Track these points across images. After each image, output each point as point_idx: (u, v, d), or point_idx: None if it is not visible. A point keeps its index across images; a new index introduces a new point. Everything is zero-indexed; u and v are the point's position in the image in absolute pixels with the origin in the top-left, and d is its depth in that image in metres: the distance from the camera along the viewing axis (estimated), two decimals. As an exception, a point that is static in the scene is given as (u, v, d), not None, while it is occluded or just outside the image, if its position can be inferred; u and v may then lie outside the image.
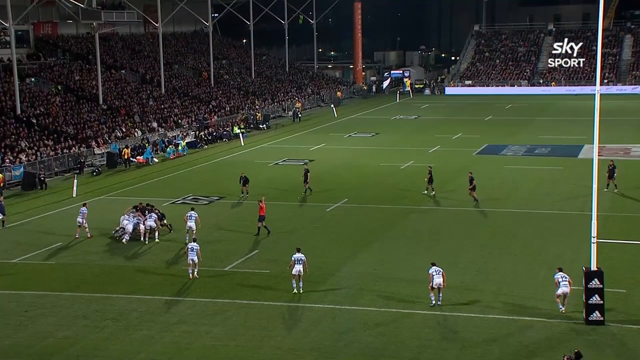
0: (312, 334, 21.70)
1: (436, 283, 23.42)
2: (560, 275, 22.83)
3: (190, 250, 26.34)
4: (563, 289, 22.61)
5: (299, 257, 24.94)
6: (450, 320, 22.56)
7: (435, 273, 23.55)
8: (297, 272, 24.85)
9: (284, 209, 37.40)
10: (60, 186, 44.35)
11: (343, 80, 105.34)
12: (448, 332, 21.71)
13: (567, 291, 22.62)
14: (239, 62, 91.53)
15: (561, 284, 22.63)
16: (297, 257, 24.95)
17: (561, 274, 22.85)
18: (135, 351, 20.68)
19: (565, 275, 22.79)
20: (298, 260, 24.90)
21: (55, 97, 58.22)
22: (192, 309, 23.78)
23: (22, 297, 25.06)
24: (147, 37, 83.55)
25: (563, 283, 22.64)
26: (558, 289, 22.67)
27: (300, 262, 24.89)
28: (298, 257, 24.96)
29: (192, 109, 68.17)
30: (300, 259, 24.92)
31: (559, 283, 22.66)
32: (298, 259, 24.91)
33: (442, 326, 22.19)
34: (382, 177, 44.96)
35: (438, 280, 23.42)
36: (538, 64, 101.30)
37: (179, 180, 46.07)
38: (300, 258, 24.93)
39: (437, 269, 23.68)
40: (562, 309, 22.75)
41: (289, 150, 55.64)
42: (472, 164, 49.13)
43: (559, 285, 22.65)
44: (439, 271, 23.60)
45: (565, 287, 22.59)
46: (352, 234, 32.41)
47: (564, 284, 22.61)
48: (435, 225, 33.71)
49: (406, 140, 59.84)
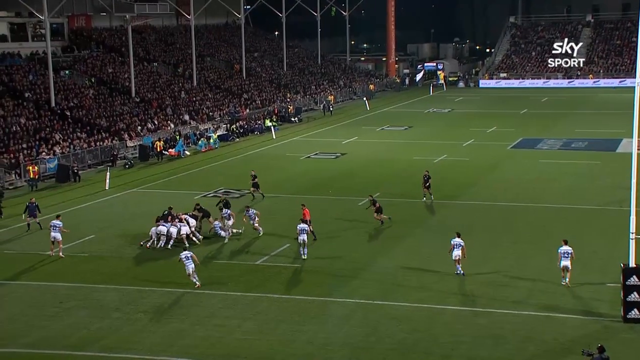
0: (343, 329, 21.75)
1: (455, 255, 25.34)
2: (564, 249, 24.28)
3: (186, 259, 25.30)
4: (563, 262, 24.13)
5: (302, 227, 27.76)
6: (484, 316, 22.43)
7: (456, 245, 25.46)
8: (301, 240, 27.64)
9: (315, 202, 37.38)
10: (93, 179, 44.94)
11: (376, 73, 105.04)
12: (481, 328, 21.60)
13: (568, 265, 24.08)
14: (271, 55, 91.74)
15: (562, 258, 24.16)
16: (301, 227, 27.72)
17: (564, 248, 24.28)
18: (168, 344, 20.92)
19: (569, 249, 24.18)
20: (301, 230, 27.66)
21: (88, 90, 58.94)
22: (223, 303, 23.97)
23: (56, 289, 25.48)
24: (179, 29, 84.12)
25: (564, 257, 24.11)
26: (560, 262, 24.19)
27: (304, 232, 27.64)
28: (302, 227, 27.76)
29: (223, 102, 68.55)
30: (304, 229, 27.73)
31: (561, 257, 24.17)
32: (302, 229, 27.67)
33: (475, 322, 22.07)
34: (415, 171, 44.72)
35: (457, 252, 25.35)
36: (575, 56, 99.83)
37: (211, 173, 46.40)
38: (304, 228, 27.76)
39: (459, 242, 25.42)
40: (565, 282, 24.21)
41: (320, 144, 55.71)
42: (506, 157, 48.87)
43: (561, 258, 24.17)
44: (460, 244, 25.43)
45: (566, 261, 24.08)
46: (384, 228, 32.36)
47: (565, 258, 24.08)
48: (468, 220, 33.51)
49: (439, 134, 59.56)
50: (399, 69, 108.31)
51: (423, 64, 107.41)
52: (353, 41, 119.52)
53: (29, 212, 32.71)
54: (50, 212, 36.21)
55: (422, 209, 35.71)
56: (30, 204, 32.84)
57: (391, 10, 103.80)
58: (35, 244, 30.92)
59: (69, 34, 68.62)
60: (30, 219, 32.74)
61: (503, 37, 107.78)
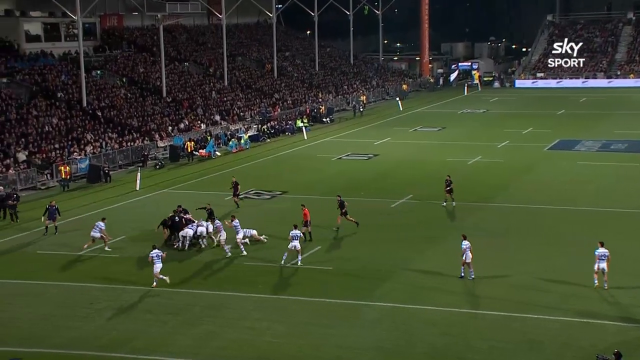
0: (373, 333, 21.78)
1: (468, 258, 25.45)
2: (600, 251, 24.23)
3: (157, 258, 25.84)
4: (600, 265, 24.08)
5: (295, 234, 27.58)
6: (518, 321, 22.30)
7: (467, 248, 25.53)
8: (292, 247, 27.41)
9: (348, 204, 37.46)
10: (123, 179, 45.47)
11: (409, 73, 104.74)
12: (516, 334, 21.48)
13: (605, 267, 24.04)
14: (303, 54, 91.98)
15: (599, 260, 24.12)
16: (294, 234, 27.56)
17: (601, 250, 24.23)
18: (198, 346, 21.13)
19: (606, 251, 24.13)
20: (294, 236, 27.51)
21: (120, 90, 59.67)
22: (253, 305, 24.14)
23: (87, 290, 25.86)
24: (210, 28, 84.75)
25: (601, 259, 24.08)
26: (596, 264, 24.17)
27: (296, 238, 27.48)
28: (295, 233, 27.60)
29: (254, 102, 68.91)
30: (296, 235, 27.55)
31: (598, 259, 24.16)
32: (294, 236, 27.50)
33: (509, 327, 21.96)
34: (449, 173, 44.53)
35: (470, 256, 25.48)
36: (616, 55, 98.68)
37: (241, 174, 46.54)
38: (296, 235, 27.57)
39: (468, 245, 25.55)
40: (597, 283, 24.22)
41: (352, 145, 55.74)
42: (543, 159, 48.46)
43: (597, 260, 24.16)
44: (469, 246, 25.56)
45: (603, 264, 24.03)
46: (417, 231, 32.32)
47: (602, 261, 24.05)
48: (503, 223, 33.36)
49: (474, 135, 59.23)
50: (433, 69, 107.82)
51: (457, 64, 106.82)
52: (386, 40, 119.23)
53: (49, 215, 32.72)
54: (82, 212, 36.81)
55: (455, 211, 35.55)
56: (50, 207, 32.87)
57: (425, 9, 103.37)
58: (66, 244, 31.38)
59: (101, 33, 69.51)
60: (50, 222, 32.77)
61: (540, 36, 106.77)
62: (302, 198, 38.56)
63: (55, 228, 32.93)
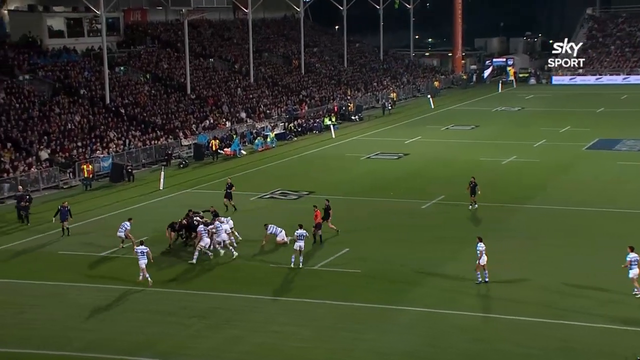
0: (405, 338, 21.72)
1: (483, 261, 25.27)
2: (632, 256, 23.83)
3: (141, 254, 26.32)
4: (633, 271, 23.71)
5: (300, 233, 27.69)
6: (554, 328, 22.13)
7: (483, 250, 25.30)
8: (298, 248, 27.52)
9: (377, 205, 37.49)
10: (147, 178, 45.80)
11: (441, 69, 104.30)
12: (552, 340, 21.30)
13: (637, 273, 23.71)
14: (331, 50, 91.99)
15: (632, 266, 23.73)
16: (299, 233, 27.65)
17: (633, 255, 23.81)
18: (223, 350, 21.23)
19: (637, 256, 23.75)
20: (300, 236, 27.61)
21: (143, 87, 60.14)
22: (279, 308, 24.20)
23: (108, 291, 26.07)
24: (236, 23, 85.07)
25: (633, 265, 23.71)
26: (630, 270, 23.75)
27: (302, 238, 27.55)
28: (300, 233, 27.69)
29: (281, 99, 69.07)
30: (302, 235, 27.67)
31: (630, 265, 23.77)
32: (300, 235, 27.59)
33: (545, 334, 21.79)
34: (482, 172, 44.26)
35: (485, 259, 25.28)
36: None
37: (267, 173, 46.81)
38: (302, 234, 27.70)
39: (483, 246, 25.33)
40: (637, 292, 23.80)
41: (382, 143, 55.64)
42: (581, 159, 48.05)
43: (630, 266, 23.75)
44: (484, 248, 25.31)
45: (635, 269, 23.64)
46: (449, 233, 32.17)
47: (634, 266, 23.67)
48: (539, 225, 33.12)
49: (508, 134, 58.88)
50: (466, 65, 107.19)
51: (491, 60, 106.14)
52: (417, 35, 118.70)
53: (61, 216, 32.72)
54: (104, 212, 37.14)
55: (491, 213, 35.35)
56: (62, 208, 32.88)
57: (458, 2, 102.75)
58: (88, 245, 31.67)
59: (125, 28, 70.07)
60: (62, 223, 32.76)
61: (579, 30, 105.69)
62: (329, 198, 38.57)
63: (67, 230, 32.91)
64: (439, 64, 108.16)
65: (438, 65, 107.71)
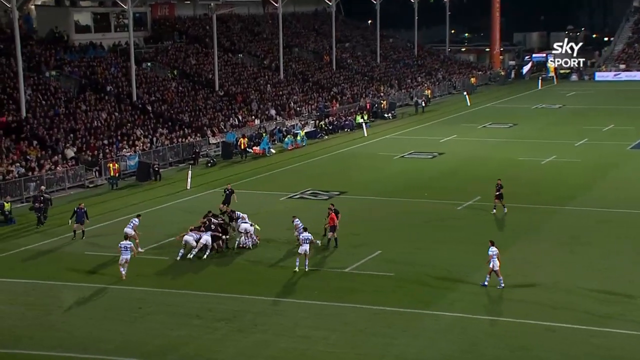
0: (438, 344, 21.60)
1: (495, 266, 25.15)
2: None
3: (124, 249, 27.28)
4: None
5: (306, 237, 27.66)
6: (599, 336, 21.84)
7: (495, 255, 25.21)
8: (304, 252, 27.45)
9: (410, 205, 37.35)
10: (174, 177, 46.07)
11: (478, 65, 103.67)
12: (596, 349, 21.03)
13: None
14: (364, 45, 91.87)
15: None
16: (304, 237, 27.64)
17: None
18: (250, 355, 21.25)
19: None
20: (305, 239, 27.54)
21: (170, 83, 60.53)
22: (307, 312, 24.18)
23: (132, 293, 26.25)
24: (266, 18, 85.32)
25: None
26: None
27: (307, 241, 27.49)
28: (306, 236, 27.67)
29: (312, 96, 69.10)
30: (307, 238, 27.61)
31: None
32: (305, 239, 27.56)
33: (588, 342, 21.52)
34: (520, 172, 44.01)
35: (497, 263, 25.16)
36: None
37: (297, 173, 46.86)
38: (307, 238, 27.64)
39: (496, 251, 25.25)
40: None
41: (416, 142, 55.44)
42: (626, 159, 47.52)
43: None
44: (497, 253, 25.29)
45: None
46: (486, 235, 31.73)
47: None
48: (581, 227, 32.78)
49: (548, 133, 58.42)
50: (504, 61, 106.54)
51: (531, 55, 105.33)
52: (453, 30, 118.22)
53: (77, 218, 32.45)
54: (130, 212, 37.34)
55: (531, 215, 35.07)
56: (79, 210, 32.63)
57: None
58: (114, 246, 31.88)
59: (152, 23, 70.62)
60: (78, 225, 32.51)
61: (624, 24, 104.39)
62: (362, 199, 38.55)
63: (82, 233, 32.78)
64: (475, 60, 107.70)
65: (475, 61, 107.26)
